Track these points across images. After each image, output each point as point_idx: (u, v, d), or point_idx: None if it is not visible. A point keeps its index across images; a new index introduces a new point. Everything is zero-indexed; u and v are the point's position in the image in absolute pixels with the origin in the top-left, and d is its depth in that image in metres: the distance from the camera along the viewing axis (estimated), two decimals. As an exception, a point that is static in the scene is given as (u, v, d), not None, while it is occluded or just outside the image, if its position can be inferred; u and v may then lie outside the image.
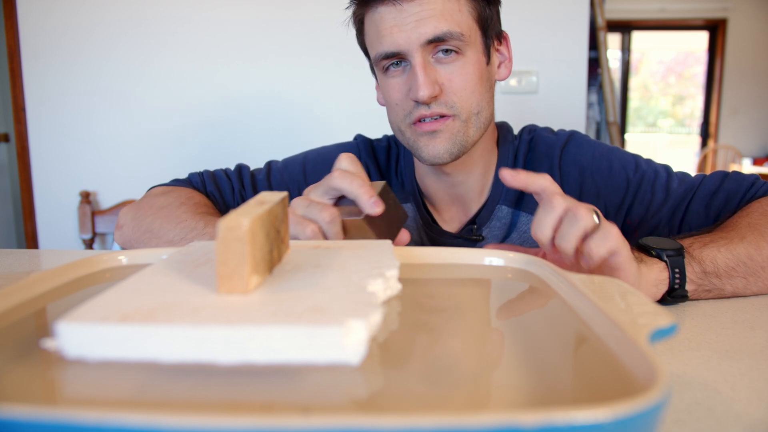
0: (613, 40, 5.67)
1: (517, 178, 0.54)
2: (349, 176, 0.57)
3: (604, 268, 0.53)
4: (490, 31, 0.75)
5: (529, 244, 0.82)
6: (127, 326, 0.27)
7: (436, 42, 0.70)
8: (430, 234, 0.84)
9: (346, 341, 0.27)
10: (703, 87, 5.90)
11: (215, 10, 1.88)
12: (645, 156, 0.83)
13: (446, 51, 0.71)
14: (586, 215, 0.50)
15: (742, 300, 0.59)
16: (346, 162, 0.60)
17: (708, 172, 0.77)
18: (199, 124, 1.93)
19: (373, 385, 0.26)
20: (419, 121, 0.73)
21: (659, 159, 0.82)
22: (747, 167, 5.06)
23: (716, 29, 5.63)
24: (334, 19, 1.86)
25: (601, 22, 2.00)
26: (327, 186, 0.58)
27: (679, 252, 0.58)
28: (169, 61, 1.90)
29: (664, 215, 0.77)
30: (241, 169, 0.90)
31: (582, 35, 1.82)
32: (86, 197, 1.92)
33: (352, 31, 0.80)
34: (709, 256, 0.59)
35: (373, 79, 0.83)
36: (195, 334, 0.27)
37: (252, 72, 1.90)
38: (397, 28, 0.70)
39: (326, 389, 0.25)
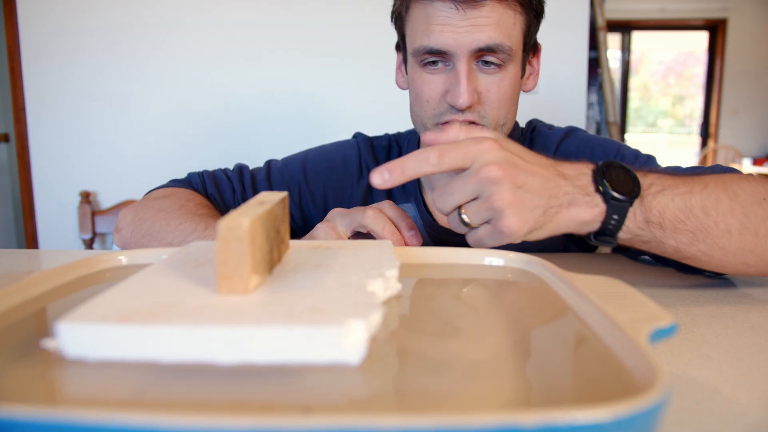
0: (613, 40, 5.66)
1: (391, 181, 0.46)
2: (382, 219, 0.57)
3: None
4: (530, 45, 0.75)
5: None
6: (127, 326, 0.27)
7: (485, 51, 0.68)
8: (432, 233, 0.85)
9: (346, 341, 0.27)
10: (703, 87, 5.90)
11: (215, 11, 1.88)
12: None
13: (486, 62, 0.70)
14: (456, 193, 0.47)
15: (742, 300, 0.59)
16: (390, 209, 0.59)
17: (708, 172, 0.77)
18: (198, 124, 1.93)
19: (373, 385, 0.26)
20: (446, 123, 0.72)
21: (659, 159, 0.82)
22: (747, 167, 5.07)
23: (716, 29, 5.63)
24: (334, 18, 1.87)
25: (601, 22, 2.00)
26: (357, 221, 0.58)
27: (630, 198, 0.51)
28: (169, 62, 1.90)
29: None
30: (241, 169, 0.90)
31: (582, 35, 1.83)
32: (86, 197, 1.92)
33: (352, 30, 0.79)
34: (659, 205, 0.53)
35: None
36: (195, 334, 0.27)
37: (252, 72, 1.90)
38: (449, 28, 0.68)
39: (326, 389, 0.25)
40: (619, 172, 0.52)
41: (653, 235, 0.54)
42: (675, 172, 0.75)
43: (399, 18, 0.76)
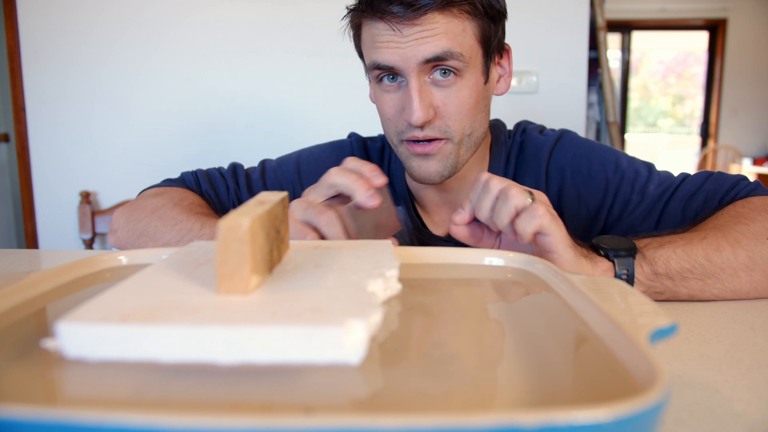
0: (613, 40, 5.67)
1: (463, 225, 0.59)
2: (345, 172, 0.58)
3: (538, 249, 0.55)
4: (493, 49, 0.73)
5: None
6: (127, 326, 0.27)
7: (434, 62, 0.67)
8: (421, 238, 0.84)
9: (346, 341, 0.27)
10: (703, 87, 5.90)
11: (214, 11, 1.88)
12: (643, 157, 0.82)
13: (444, 72, 0.69)
14: (518, 194, 0.53)
15: (742, 300, 0.59)
16: (351, 162, 0.60)
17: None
18: (198, 124, 1.93)
19: (373, 385, 0.26)
20: (412, 140, 0.72)
21: (659, 159, 0.82)
22: (747, 167, 5.07)
23: (716, 29, 5.63)
24: (331, 19, 1.86)
25: (601, 22, 2.00)
26: (325, 184, 0.59)
27: (631, 252, 0.57)
28: (169, 62, 1.90)
29: (638, 216, 0.75)
30: (235, 168, 0.89)
31: (582, 35, 1.82)
32: (86, 197, 1.92)
33: (349, 33, 0.79)
34: (662, 257, 0.58)
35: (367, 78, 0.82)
36: (195, 334, 0.27)
37: (251, 73, 1.90)
38: (394, 44, 0.67)
39: (326, 389, 0.25)
40: (611, 239, 0.59)
41: (664, 285, 0.58)
42: (677, 182, 0.75)
43: (355, 39, 0.77)
